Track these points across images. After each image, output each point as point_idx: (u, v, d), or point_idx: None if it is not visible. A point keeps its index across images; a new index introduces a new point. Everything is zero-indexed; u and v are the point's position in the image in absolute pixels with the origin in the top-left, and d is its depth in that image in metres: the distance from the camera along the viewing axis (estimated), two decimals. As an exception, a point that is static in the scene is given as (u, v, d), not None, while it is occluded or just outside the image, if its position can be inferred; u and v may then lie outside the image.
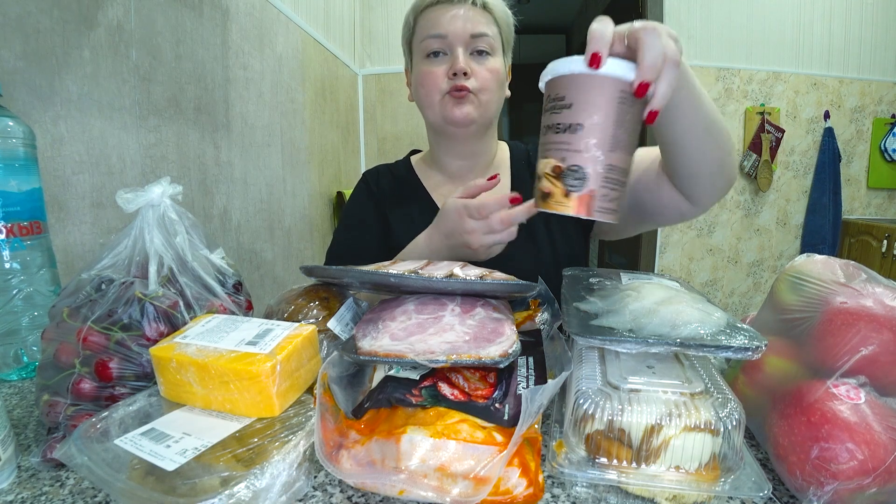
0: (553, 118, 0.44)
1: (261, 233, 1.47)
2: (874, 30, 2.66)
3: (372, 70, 2.50)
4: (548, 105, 0.45)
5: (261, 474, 0.31)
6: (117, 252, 0.48)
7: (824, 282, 0.41)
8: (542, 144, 0.45)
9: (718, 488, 0.33)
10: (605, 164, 0.42)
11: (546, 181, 0.43)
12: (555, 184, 0.43)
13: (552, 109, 0.44)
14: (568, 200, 0.42)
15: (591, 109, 0.41)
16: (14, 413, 0.49)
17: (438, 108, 0.76)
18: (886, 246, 2.40)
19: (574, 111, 0.42)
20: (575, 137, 0.42)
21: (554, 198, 0.43)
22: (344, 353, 0.41)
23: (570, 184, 0.42)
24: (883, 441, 0.32)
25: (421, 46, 0.77)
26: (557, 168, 0.42)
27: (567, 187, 0.42)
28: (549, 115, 0.44)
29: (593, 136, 0.41)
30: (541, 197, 0.45)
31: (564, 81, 0.43)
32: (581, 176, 0.42)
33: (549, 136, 0.44)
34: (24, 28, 0.72)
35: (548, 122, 0.44)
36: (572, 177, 0.42)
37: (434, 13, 0.75)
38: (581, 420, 0.35)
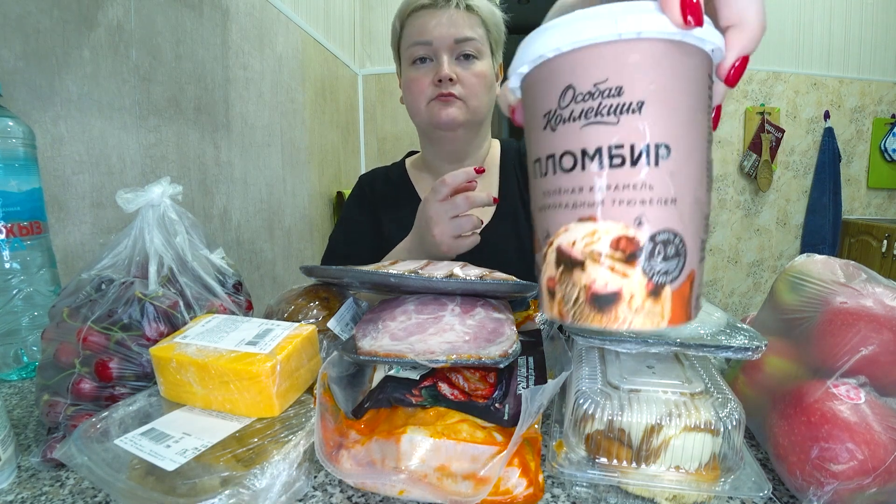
0: (595, 135, 0.22)
1: (261, 233, 1.47)
2: (874, 30, 2.66)
3: (372, 70, 2.50)
4: (569, 106, 0.23)
5: (261, 474, 0.31)
6: (117, 252, 0.48)
7: (824, 282, 0.41)
8: (561, 193, 0.24)
9: (718, 488, 0.33)
10: (704, 217, 0.24)
11: (599, 270, 0.23)
12: (625, 273, 0.22)
13: (592, 115, 0.22)
14: (657, 304, 0.23)
15: (679, 111, 0.22)
16: (14, 413, 0.49)
17: (425, 113, 0.77)
18: (886, 246, 2.40)
19: (648, 116, 0.22)
20: (658, 172, 0.22)
21: (625, 303, 0.23)
22: (344, 353, 0.41)
23: (661, 270, 0.22)
24: (883, 441, 0.32)
25: (407, 53, 0.77)
26: (626, 242, 0.22)
27: (656, 278, 0.22)
28: (579, 128, 0.23)
29: (688, 164, 0.22)
30: (591, 304, 0.23)
31: (619, 54, 0.22)
32: (677, 251, 0.22)
33: (587, 176, 0.23)
34: (24, 28, 0.72)
35: (580, 143, 0.23)
36: (663, 255, 0.22)
37: (419, 19, 0.75)
38: (581, 420, 0.35)
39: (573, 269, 0.23)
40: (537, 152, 0.25)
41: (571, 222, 0.23)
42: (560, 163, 0.23)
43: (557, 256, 0.24)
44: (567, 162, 0.23)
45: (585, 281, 0.23)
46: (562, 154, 0.23)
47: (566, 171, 0.23)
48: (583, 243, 0.23)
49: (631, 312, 0.23)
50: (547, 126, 0.24)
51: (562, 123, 0.23)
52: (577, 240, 0.23)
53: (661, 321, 0.23)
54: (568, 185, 0.23)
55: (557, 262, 0.24)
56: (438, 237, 0.60)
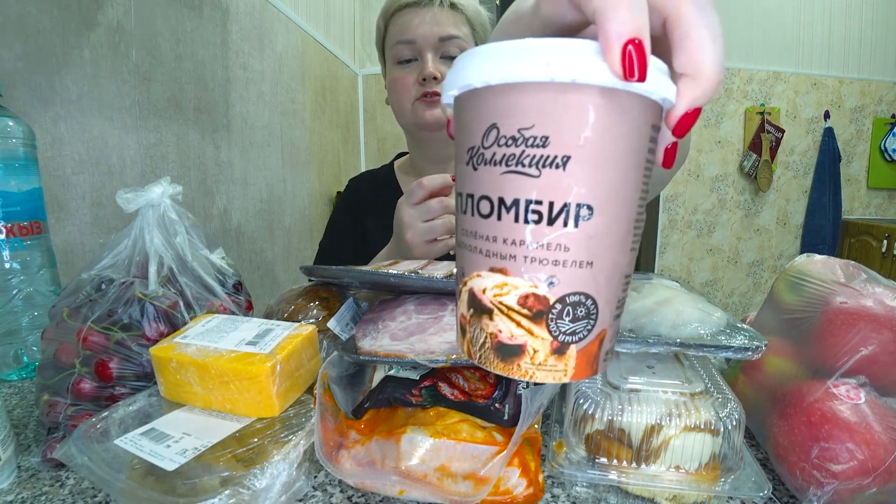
0: (514, 186, 0.20)
1: (261, 233, 1.47)
2: (874, 30, 2.66)
3: (372, 70, 2.50)
4: (489, 148, 0.21)
5: (261, 474, 0.31)
6: (117, 252, 0.48)
7: (824, 282, 0.41)
8: (480, 237, 0.22)
9: (718, 488, 0.33)
10: (622, 278, 0.22)
11: (506, 321, 0.22)
12: (530, 331, 0.22)
13: (512, 163, 0.20)
14: (560, 361, 0.22)
15: (608, 168, 0.20)
16: (14, 413, 0.49)
17: (410, 113, 0.76)
18: (886, 246, 2.40)
19: (573, 173, 0.20)
20: (576, 235, 0.20)
21: (527, 357, 0.22)
22: (344, 353, 0.41)
23: (568, 331, 0.22)
24: (883, 441, 0.32)
25: (391, 53, 0.76)
26: (534, 300, 0.21)
27: (561, 338, 0.22)
28: (498, 174, 0.21)
29: (610, 227, 0.21)
30: (495, 351, 0.23)
31: (548, 100, 0.19)
32: (588, 312, 0.22)
33: (501, 226, 0.21)
34: (24, 28, 0.72)
35: (498, 191, 0.21)
36: (571, 317, 0.21)
37: (403, 18, 0.74)
38: (581, 420, 0.35)
39: (482, 315, 0.23)
40: (459, 186, 0.23)
41: (484, 269, 0.22)
42: (478, 206, 0.22)
43: (469, 298, 0.23)
44: (484, 207, 0.22)
45: (492, 329, 0.22)
46: (480, 198, 0.22)
47: (483, 216, 0.22)
48: (492, 293, 0.22)
49: (533, 367, 0.22)
50: (469, 162, 0.22)
51: (483, 164, 0.21)
52: (487, 288, 0.22)
53: (563, 377, 0.22)
54: (483, 232, 0.22)
55: (469, 304, 0.23)
56: (411, 241, 0.59)
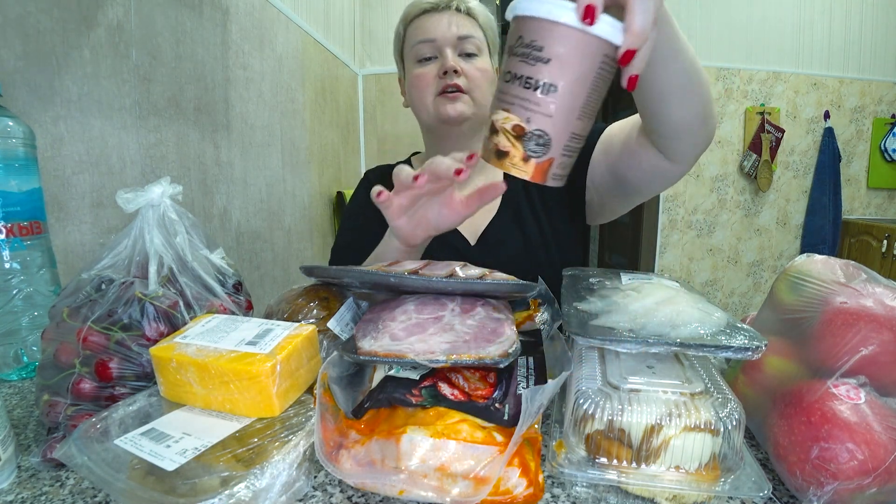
0: (523, 68, 0.37)
1: (261, 233, 1.47)
2: (874, 30, 2.66)
3: (372, 70, 2.50)
4: (518, 48, 0.38)
5: (261, 474, 0.31)
6: (117, 252, 0.48)
7: (824, 282, 0.41)
8: (503, 93, 0.39)
9: (718, 488, 0.33)
10: (570, 133, 0.38)
11: (504, 138, 0.39)
12: (514, 145, 0.38)
13: (524, 57, 0.37)
14: (525, 165, 0.39)
15: (570, 70, 0.36)
16: (14, 413, 0.49)
17: (431, 107, 0.79)
18: (886, 246, 2.40)
19: (551, 68, 0.36)
20: (546, 99, 0.37)
21: (510, 159, 0.39)
22: (344, 353, 0.41)
23: (532, 149, 0.38)
24: (883, 441, 0.32)
25: (412, 53, 0.80)
26: (520, 129, 0.38)
27: (528, 152, 0.38)
28: (518, 62, 0.37)
29: (566, 101, 0.37)
30: (494, 153, 0.40)
31: (545, 28, 0.36)
32: (545, 143, 0.38)
33: (514, 88, 0.38)
34: (24, 28, 0.72)
35: (515, 69, 0.38)
36: (535, 142, 0.38)
37: (422, 21, 0.79)
38: (581, 420, 0.35)
39: (493, 133, 0.40)
40: (504, 67, 0.39)
41: (500, 110, 0.39)
42: (504, 76, 0.39)
43: (491, 125, 0.40)
44: (507, 77, 0.39)
45: (496, 141, 0.39)
46: (507, 71, 0.39)
47: (506, 82, 0.39)
48: (500, 119, 0.39)
49: (511, 166, 0.39)
50: (508, 52, 0.39)
51: (512, 55, 0.38)
52: (499, 119, 0.39)
53: (525, 175, 0.39)
54: (505, 90, 0.39)
55: (489, 128, 0.40)
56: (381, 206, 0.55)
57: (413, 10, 0.80)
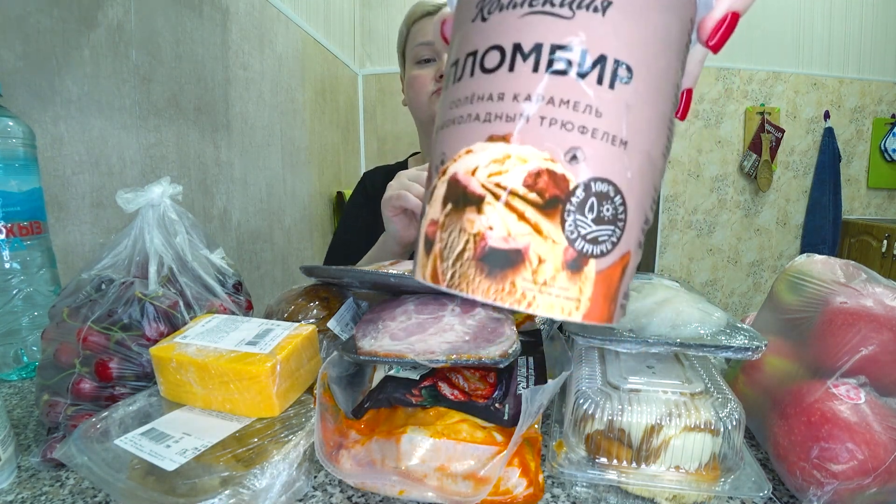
0: (537, 28, 0.16)
1: (261, 233, 1.47)
2: (874, 30, 2.66)
3: (372, 70, 2.50)
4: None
5: (261, 474, 0.31)
6: (117, 252, 0.48)
7: (824, 282, 0.41)
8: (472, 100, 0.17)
9: (718, 488, 0.33)
10: (654, 187, 0.18)
11: (500, 214, 0.16)
12: (537, 227, 0.16)
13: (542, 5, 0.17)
14: (573, 281, 0.16)
15: (653, 31, 0.17)
16: (14, 413, 0.49)
17: (426, 107, 0.80)
18: (886, 246, 2.40)
19: (613, 21, 0.16)
20: (612, 97, 0.16)
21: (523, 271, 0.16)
22: (344, 353, 0.41)
23: (588, 234, 0.16)
24: (883, 441, 0.32)
25: (412, 54, 0.81)
26: (548, 181, 0.16)
27: (578, 244, 0.16)
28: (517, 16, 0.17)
29: (650, 105, 0.17)
30: (479, 259, 0.16)
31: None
32: (615, 214, 0.16)
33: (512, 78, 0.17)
34: (24, 28, 0.72)
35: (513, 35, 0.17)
36: (595, 213, 0.16)
37: (424, 24, 0.80)
38: (581, 420, 0.35)
39: (465, 209, 0.16)
40: (456, 53, 0.18)
41: (478, 141, 0.16)
42: (482, 61, 0.17)
43: (448, 190, 0.17)
44: (491, 59, 0.17)
45: (479, 227, 0.16)
46: (486, 49, 0.17)
47: (487, 71, 0.17)
48: (487, 171, 0.16)
49: (535, 287, 0.15)
50: (478, 16, 0.17)
51: (497, 10, 0.17)
52: (480, 166, 0.16)
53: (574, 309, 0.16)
54: (484, 90, 0.16)
55: (446, 199, 0.17)
56: (381, 204, 0.62)
57: (417, 12, 0.81)
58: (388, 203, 0.61)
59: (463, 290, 0.16)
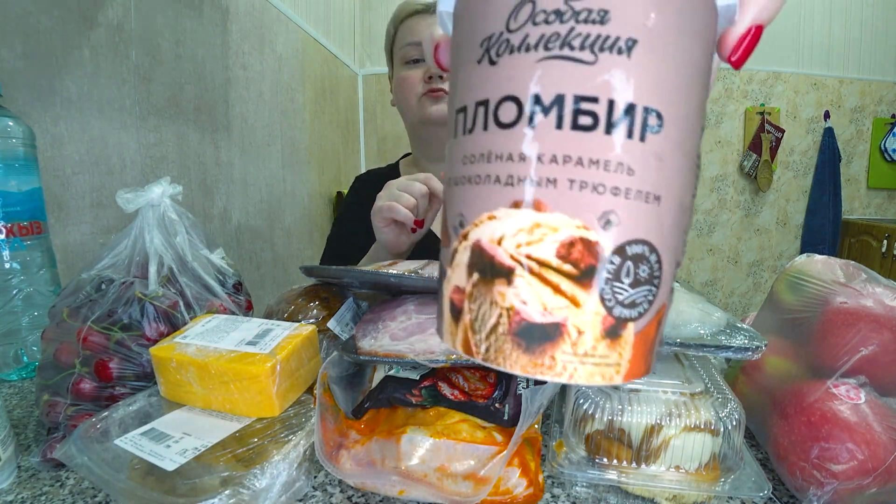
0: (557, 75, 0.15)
1: (261, 233, 1.47)
2: (874, 30, 2.66)
3: (372, 70, 2.50)
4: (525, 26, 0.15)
5: (261, 474, 0.31)
6: (117, 252, 0.48)
7: (824, 282, 0.41)
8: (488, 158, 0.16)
9: (718, 488, 0.33)
10: (684, 233, 0.17)
11: (533, 287, 0.15)
12: (574, 299, 0.15)
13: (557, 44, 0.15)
14: (612, 349, 0.15)
15: (681, 70, 0.15)
16: (14, 413, 0.49)
17: (416, 109, 0.79)
18: (886, 246, 2.40)
19: (640, 63, 0.15)
20: (642, 150, 0.15)
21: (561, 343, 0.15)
22: (344, 353, 0.41)
23: (625, 300, 0.15)
24: (883, 441, 0.32)
25: (400, 54, 0.80)
26: (582, 249, 0.15)
27: (616, 311, 0.15)
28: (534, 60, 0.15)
29: (679, 152, 0.16)
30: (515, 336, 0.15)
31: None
32: (653, 274, 0.16)
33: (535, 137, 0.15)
34: (24, 28, 0.72)
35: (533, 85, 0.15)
36: (631, 278, 0.15)
37: (412, 22, 0.78)
38: (581, 420, 0.35)
39: (494, 280, 0.15)
40: (463, 98, 0.17)
41: (501, 207, 0.15)
42: (495, 113, 0.15)
43: (473, 258, 0.16)
44: (507, 112, 0.15)
45: (511, 301, 0.15)
46: (500, 100, 0.15)
47: (503, 126, 0.15)
48: (515, 242, 0.15)
49: (575, 358, 0.15)
50: (484, 57, 0.16)
51: (508, 53, 0.15)
52: (506, 235, 0.15)
53: (614, 375, 0.16)
54: (503, 149, 0.15)
55: (471, 267, 0.16)
56: (376, 199, 0.61)
57: (404, 11, 0.79)
58: (379, 214, 0.60)
59: (500, 365, 0.16)
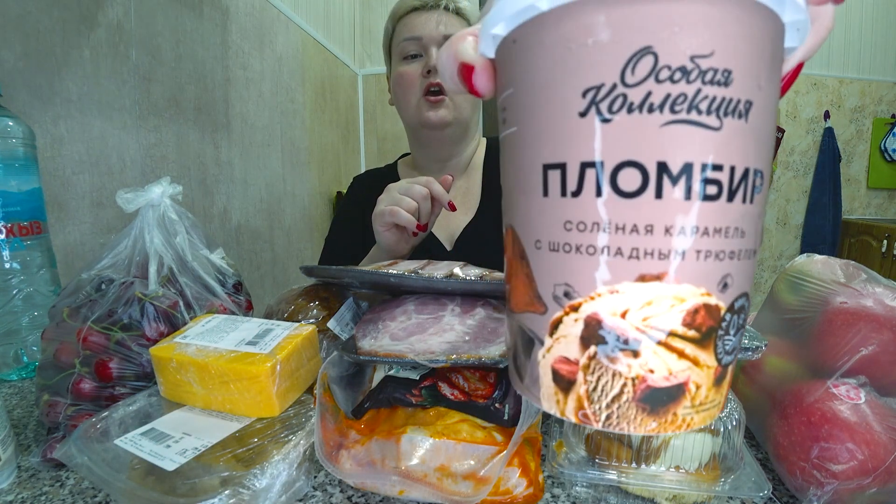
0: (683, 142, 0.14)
1: (261, 233, 1.47)
2: (874, 30, 2.66)
3: (372, 70, 2.50)
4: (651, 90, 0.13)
5: (261, 474, 0.31)
6: (117, 252, 0.48)
7: (824, 282, 0.41)
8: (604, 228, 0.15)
9: (718, 488, 0.33)
10: None
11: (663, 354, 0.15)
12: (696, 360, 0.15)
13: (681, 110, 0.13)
14: (718, 393, 0.16)
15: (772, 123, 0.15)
16: (14, 413, 0.49)
17: (414, 110, 0.78)
18: (886, 246, 2.40)
19: (753, 128, 0.14)
20: (750, 212, 0.15)
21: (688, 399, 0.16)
22: (344, 353, 0.41)
23: (732, 346, 0.16)
24: (883, 441, 0.32)
25: (398, 50, 0.79)
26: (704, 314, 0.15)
27: (724, 358, 0.16)
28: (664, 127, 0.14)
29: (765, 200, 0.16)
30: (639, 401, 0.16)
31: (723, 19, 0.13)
32: (746, 317, 0.17)
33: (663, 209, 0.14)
34: (24, 28, 0.72)
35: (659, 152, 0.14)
36: (737, 327, 0.16)
37: (410, 19, 0.78)
38: (581, 420, 0.35)
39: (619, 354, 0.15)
40: (558, 154, 0.15)
41: (626, 281, 0.15)
42: (614, 180, 0.14)
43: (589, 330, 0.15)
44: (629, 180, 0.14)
45: (637, 371, 0.15)
46: (619, 165, 0.14)
47: (624, 195, 0.14)
48: (641, 315, 0.15)
49: (692, 410, 0.16)
50: (591, 111, 0.14)
51: (625, 111, 0.14)
52: (631, 309, 0.15)
53: (716, 412, 0.17)
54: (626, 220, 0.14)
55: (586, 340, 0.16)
56: (377, 202, 0.61)
57: (402, 8, 0.80)
58: (380, 218, 0.60)
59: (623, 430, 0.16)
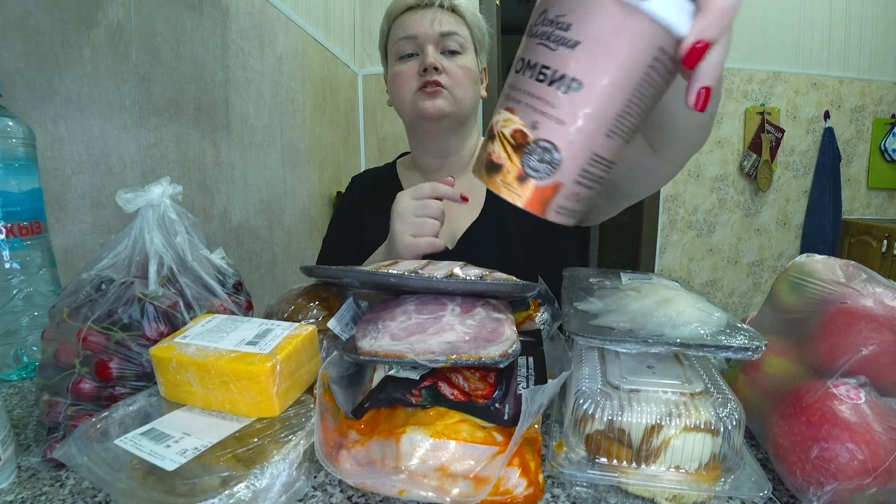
0: (540, 53, 0.28)
1: (261, 233, 1.47)
2: (874, 30, 2.66)
3: (372, 70, 2.50)
4: (538, 27, 0.28)
5: (261, 474, 0.31)
6: (117, 252, 0.48)
7: (824, 282, 0.41)
8: (511, 87, 0.29)
9: (718, 488, 0.33)
10: (592, 153, 0.28)
11: (499, 146, 0.29)
12: (510, 157, 0.28)
13: (543, 38, 0.28)
14: (520, 187, 0.28)
15: (604, 63, 0.26)
16: (14, 413, 0.49)
17: (410, 104, 0.78)
18: (886, 246, 2.40)
19: (578, 56, 0.26)
20: (564, 99, 0.27)
21: (502, 175, 0.29)
22: (344, 353, 0.41)
23: (532, 166, 0.28)
24: (883, 441, 0.32)
25: (394, 49, 0.79)
26: (520, 135, 0.28)
27: (526, 169, 0.28)
28: (535, 45, 0.28)
29: (592, 106, 0.27)
30: (485, 165, 0.30)
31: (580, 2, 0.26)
32: (552, 160, 0.27)
33: (523, 81, 0.28)
34: (24, 28, 0.72)
35: (530, 55, 0.28)
36: (539, 156, 0.28)
37: (405, 18, 0.78)
38: (581, 420, 0.35)
39: (489, 140, 0.30)
40: (518, 51, 0.30)
41: (503, 108, 0.29)
42: (516, 64, 0.29)
43: (489, 129, 0.30)
44: (518, 65, 0.29)
45: (489, 149, 0.30)
46: (520, 58, 0.29)
47: (516, 71, 0.29)
48: (499, 121, 0.29)
49: (503, 184, 0.29)
50: (526, 33, 0.30)
51: (529, 36, 0.29)
52: (499, 121, 0.29)
53: (517, 200, 0.29)
54: (514, 83, 0.29)
55: (488, 134, 0.31)
56: (398, 230, 0.62)
57: (397, 7, 0.79)
58: (414, 251, 0.61)
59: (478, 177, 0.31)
